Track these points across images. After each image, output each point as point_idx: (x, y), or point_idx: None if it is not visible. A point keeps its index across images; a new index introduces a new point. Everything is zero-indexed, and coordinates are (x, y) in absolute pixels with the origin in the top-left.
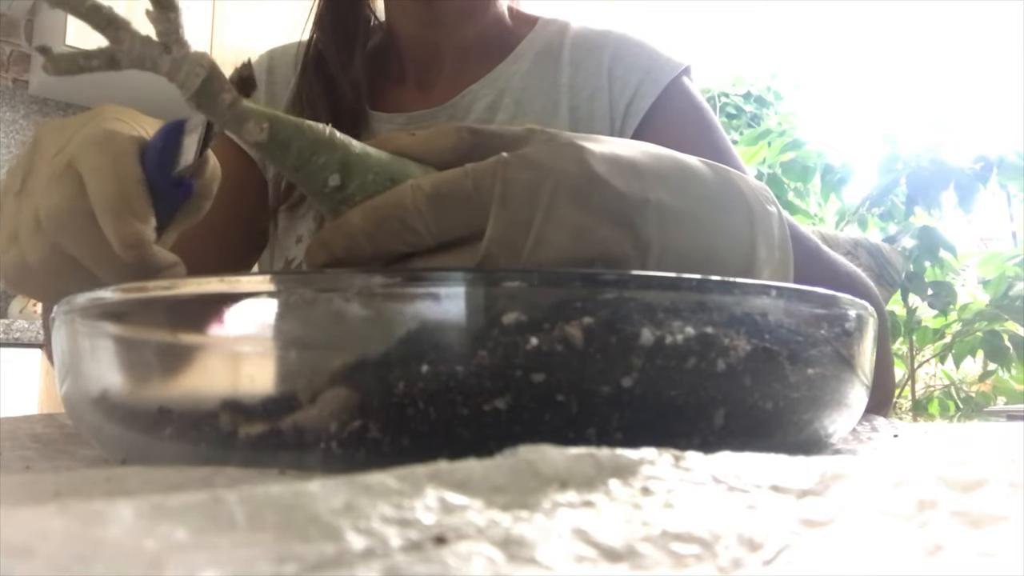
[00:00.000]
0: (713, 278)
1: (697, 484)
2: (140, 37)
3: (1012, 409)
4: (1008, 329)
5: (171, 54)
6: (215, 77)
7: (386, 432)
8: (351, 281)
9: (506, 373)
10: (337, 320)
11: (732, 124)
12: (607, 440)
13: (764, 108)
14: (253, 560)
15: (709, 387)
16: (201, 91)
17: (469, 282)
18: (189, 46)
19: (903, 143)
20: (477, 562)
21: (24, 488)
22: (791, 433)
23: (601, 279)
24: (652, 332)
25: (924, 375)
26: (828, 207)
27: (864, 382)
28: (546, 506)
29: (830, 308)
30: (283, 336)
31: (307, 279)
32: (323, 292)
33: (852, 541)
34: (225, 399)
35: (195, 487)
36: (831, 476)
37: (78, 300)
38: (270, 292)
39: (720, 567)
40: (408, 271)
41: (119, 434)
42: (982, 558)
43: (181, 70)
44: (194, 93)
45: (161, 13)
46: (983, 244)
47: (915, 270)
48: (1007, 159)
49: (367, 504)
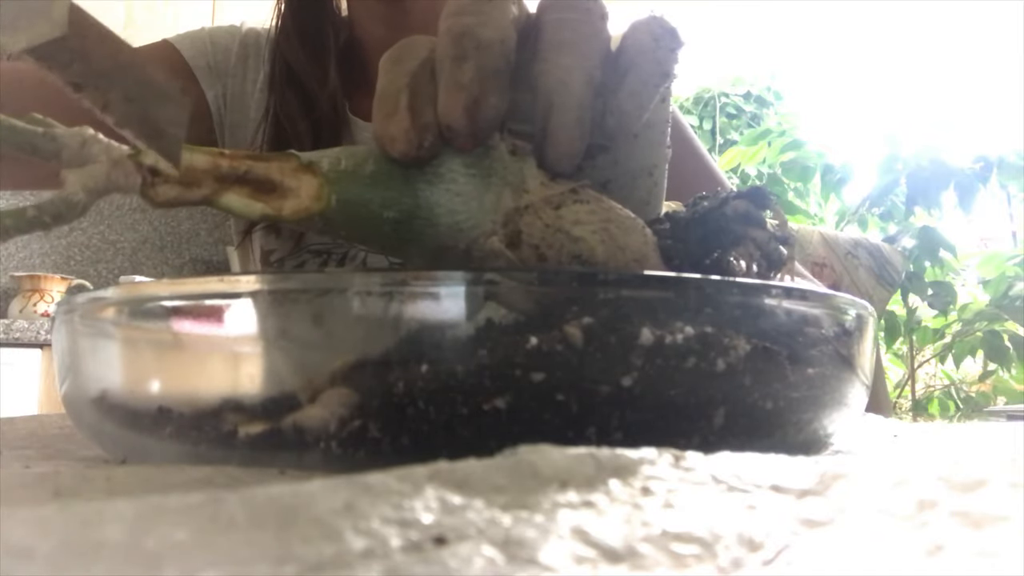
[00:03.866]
0: (713, 278)
1: (697, 484)
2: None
3: (1012, 409)
4: (1008, 329)
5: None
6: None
7: (386, 432)
8: (351, 280)
9: (506, 373)
10: (337, 319)
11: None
12: (607, 439)
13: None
14: (253, 560)
15: (709, 387)
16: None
17: (469, 281)
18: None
19: (903, 143)
20: (477, 562)
21: (24, 488)
22: (791, 433)
23: (601, 279)
24: (652, 332)
25: (924, 375)
26: (828, 207)
27: (864, 382)
28: (546, 506)
29: (830, 307)
30: (283, 335)
31: (307, 279)
32: (323, 291)
33: (852, 541)
34: (225, 399)
35: (195, 487)
36: (831, 476)
37: (78, 300)
38: (270, 291)
39: (720, 567)
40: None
41: (119, 434)
42: (982, 558)
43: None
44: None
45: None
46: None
47: (915, 270)
48: (1007, 159)
49: (367, 504)
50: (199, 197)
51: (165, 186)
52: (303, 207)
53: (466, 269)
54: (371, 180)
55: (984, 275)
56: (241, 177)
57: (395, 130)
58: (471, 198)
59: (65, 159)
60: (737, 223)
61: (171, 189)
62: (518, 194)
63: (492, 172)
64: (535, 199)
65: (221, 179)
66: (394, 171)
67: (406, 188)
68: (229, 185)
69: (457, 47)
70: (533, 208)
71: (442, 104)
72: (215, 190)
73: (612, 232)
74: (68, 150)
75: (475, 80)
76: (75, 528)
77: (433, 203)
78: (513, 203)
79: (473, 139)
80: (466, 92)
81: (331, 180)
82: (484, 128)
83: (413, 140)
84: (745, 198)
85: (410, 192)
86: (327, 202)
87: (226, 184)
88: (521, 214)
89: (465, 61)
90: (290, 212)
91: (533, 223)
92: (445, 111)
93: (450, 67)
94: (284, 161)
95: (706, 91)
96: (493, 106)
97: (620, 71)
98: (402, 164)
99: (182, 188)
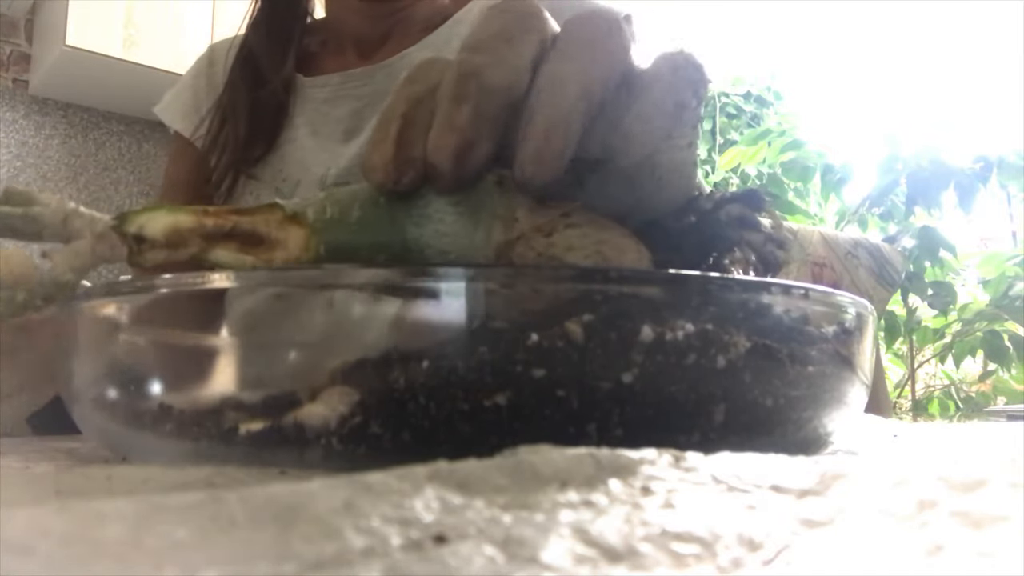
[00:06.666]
0: (713, 275)
1: (697, 484)
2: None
3: (1012, 409)
4: (1008, 329)
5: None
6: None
7: (387, 428)
8: (352, 276)
9: (507, 369)
10: (338, 316)
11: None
12: (607, 436)
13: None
14: (253, 559)
15: (709, 383)
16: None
17: (470, 278)
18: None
19: (903, 143)
20: (477, 561)
21: (24, 488)
22: (791, 431)
23: (601, 276)
24: (652, 328)
25: (924, 375)
26: (828, 207)
27: (864, 381)
28: (546, 505)
29: (830, 306)
30: (284, 332)
31: (308, 275)
32: (324, 288)
33: (852, 541)
34: (225, 396)
35: (195, 486)
36: (831, 476)
37: (79, 298)
38: (272, 287)
39: (720, 567)
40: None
41: (119, 433)
42: (982, 558)
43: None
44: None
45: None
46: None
47: (915, 270)
48: (1007, 159)
49: (367, 503)
50: (187, 256)
51: (152, 251)
52: (292, 258)
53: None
54: (358, 226)
55: (984, 275)
56: (227, 233)
57: (377, 160)
58: (460, 236)
59: (48, 237)
60: (731, 228)
61: (159, 253)
62: (508, 226)
63: (480, 207)
64: (526, 228)
65: (207, 237)
66: (380, 215)
67: (394, 232)
68: (216, 241)
69: (460, 86)
70: (524, 238)
71: (431, 142)
72: (203, 248)
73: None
74: (50, 228)
75: (470, 124)
76: (75, 527)
77: (423, 245)
78: (504, 236)
79: (456, 183)
80: (458, 135)
81: (317, 230)
82: (470, 174)
83: (391, 174)
84: (739, 201)
85: (398, 236)
86: (315, 252)
87: (213, 241)
88: (512, 246)
89: (465, 103)
90: (280, 263)
91: (525, 254)
92: (433, 150)
93: (448, 106)
94: (269, 214)
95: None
96: (483, 152)
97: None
98: (387, 203)
99: (170, 250)
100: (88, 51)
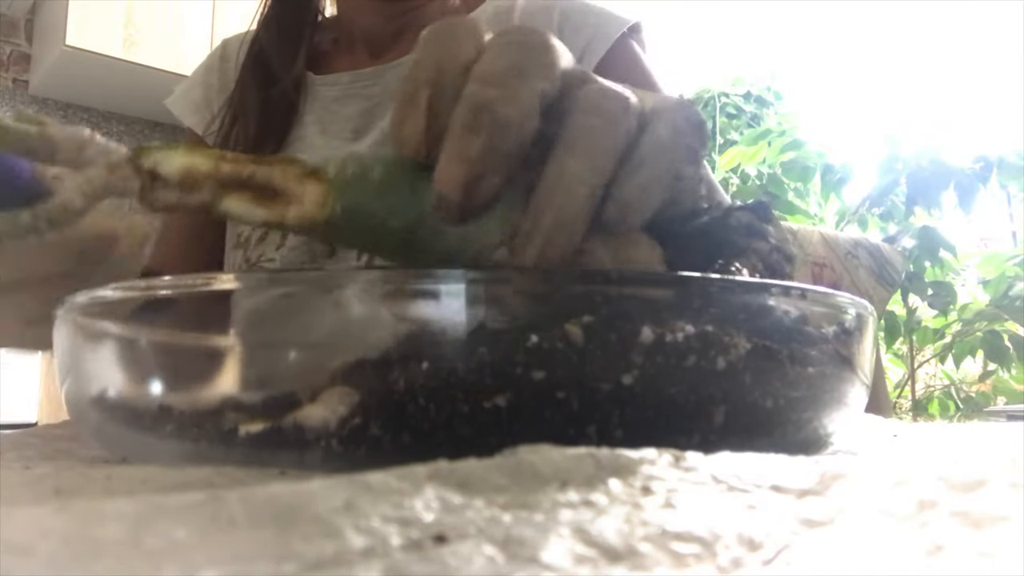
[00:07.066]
0: (713, 277)
1: (697, 484)
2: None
3: (1012, 409)
4: (1008, 329)
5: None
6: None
7: (387, 430)
8: (352, 278)
9: (507, 370)
10: (338, 318)
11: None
12: (607, 437)
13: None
14: (253, 558)
15: (709, 385)
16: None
17: (470, 280)
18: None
19: (903, 143)
20: (477, 561)
21: (24, 488)
22: (791, 431)
23: (600, 277)
24: (652, 330)
25: (924, 375)
26: (828, 207)
27: (864, 381)
28: (546, 505)
29: (830, 306)
30: (284, 333)
31: (308, 277)
32: (324, 289)
33: (852, 541)
34: (225, 397)
35: (195, 487)
36: (831, 476)
37: (78, 299)
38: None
39: (720, 567)
40: (409, 269)
41: (119, 433)
42: (982, 558)
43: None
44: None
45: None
46: (983, 244)
47: (915, 270)
48: (1007, 159)
49: (367, 503)
50: (199, 202)
51: (164, 190)
52: (307, 214)
53: (467, 268)
54: (377, 187)
55: (984, 275)
56: (243, 182)
57: (409, 131)
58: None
59: (61, 161)
60: (740, 234)
61: (170, 193)
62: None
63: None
64: None
65: (223, 183)
66: (401, 179)
67: (413, 196)
68: (230, 190)
69: (473, 117)
70: None
71: (440, 172)
72: (216, 195)
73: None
74: (64, 152)
75: (482, 158)
76: (75, 527)
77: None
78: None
79: (463, 215)
80: (468, 167)
81: (336, 187)
82: (478, 206)
83: (423, 146)
84: (748, 210)
85: (417, 200)
86: (332, 209)
87: (227, 189)
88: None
89: (477, 135)
90: (293, 219)
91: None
92: (442, 180)
93: (460, 134)
94: (289, 166)
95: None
96: (493, 186)
97: (633, 163)
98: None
99: (182, 192)
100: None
